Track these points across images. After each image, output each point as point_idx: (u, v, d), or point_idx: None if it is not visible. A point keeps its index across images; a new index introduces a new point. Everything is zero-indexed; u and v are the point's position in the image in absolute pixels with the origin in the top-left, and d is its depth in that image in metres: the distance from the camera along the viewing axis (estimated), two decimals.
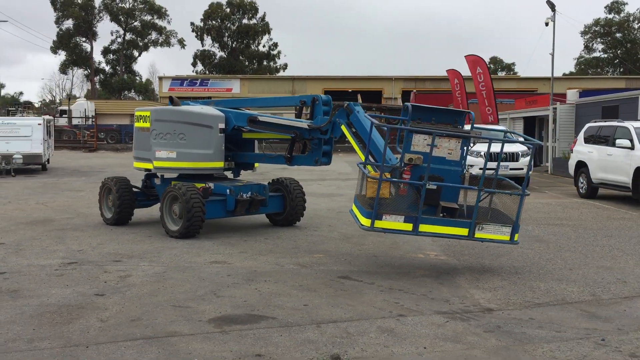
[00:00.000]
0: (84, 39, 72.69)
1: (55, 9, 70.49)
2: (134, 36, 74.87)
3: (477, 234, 7.66)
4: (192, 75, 59.43)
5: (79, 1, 70.72)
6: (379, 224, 7.49)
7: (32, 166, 24.27)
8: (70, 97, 66.61)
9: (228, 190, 10.21)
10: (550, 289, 7.16)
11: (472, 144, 8.21)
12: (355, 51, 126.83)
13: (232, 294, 6.64)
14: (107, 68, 75.76)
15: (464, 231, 7.63)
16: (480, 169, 17.86)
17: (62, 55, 72.75)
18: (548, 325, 5.84)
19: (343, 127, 9.22)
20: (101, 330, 5.43)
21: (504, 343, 5.35)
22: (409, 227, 7.54)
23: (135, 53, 76.57)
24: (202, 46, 72.90)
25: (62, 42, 71.22)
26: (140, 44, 75.44)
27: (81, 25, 70.83)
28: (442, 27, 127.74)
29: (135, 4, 73.49)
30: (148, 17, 74.20)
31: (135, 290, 6.71)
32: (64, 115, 49.72)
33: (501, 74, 79.48)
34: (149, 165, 10.84)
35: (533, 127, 28.89)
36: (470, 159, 18.26)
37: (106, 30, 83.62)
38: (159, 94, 58.39)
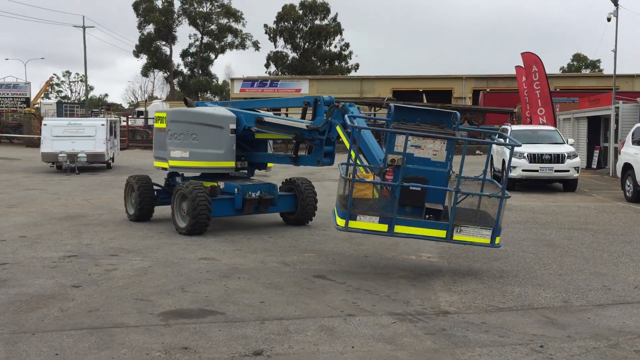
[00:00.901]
0: (164, 43, 75.59)
1: (138, 14, 73.67)
2: (210, 39, 77.10)
3: (456, 237, 7.57)
4: (262, 76, 60.64)
5: (160, 7, 73.57)
6: (353, 224, 7.54)
7: (97, 164, 25.52)
8: (151, 99, 69.59)
9: (236, 189, 10.50)
10: (524, 294, 7.00)
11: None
12: (427, 50, 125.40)
13: (198, 289, 6.89)
14: (185, 70, 78.50)
15: (441, 233, 7.56)
16: (523, 170, 17.42)
17: (143, 59, 76.05)
18: (496, 330, 5.74)
19: (338, 128, 9.32)
20: (55, 319, 5.80)
21: (437, 346, 5.33)
22: (384, 228, 7.54)
23: (212, 55, 78.86)
24: (275, 48, 74.20)
25: (144, 46, 74.36)
26: (217, 46, 77.65)
27: (161, 29, 73.69)
28: (521, 23, 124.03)
29: (213, 8, 75.69)
30: (224, 21, 76.22)
31: (110, 283, 7.08)
32: (140, 116, 51.87)
33: (585, 71, 76.39)
34: (165, 165, 11.30)
35: (598, 127, 27.70)
36: (512, 160, 17.85)
37: (184, 34, 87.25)
38: (231, 95, 59.87)
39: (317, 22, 73.34)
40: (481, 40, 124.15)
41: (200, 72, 77.01)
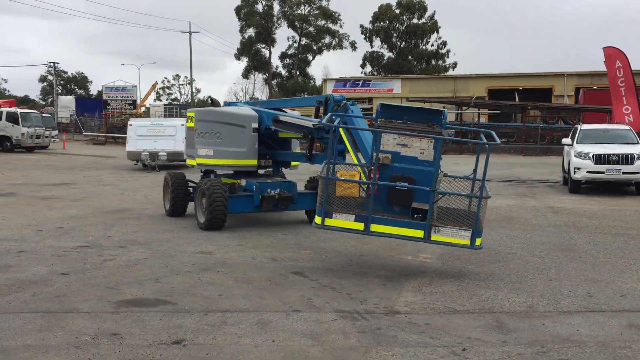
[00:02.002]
0: (263, 46, 77.59)
1: (240, 18, 76.08)
2: (308, 41, 78.26)
3: (434, 237, 7.44)
4: (354, 76, 60.79)
5: (260, 10, 75.65)
6: (329, 222, 7.60)
7: (177, 162, 26.76)
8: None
9: (254, 187, 10.80)
10: (492, 297, 6.78)
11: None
12: (527, 47, 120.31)
13: (171, 280, 7.22)
14: (284, 72, 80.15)
15: (418, 233, 7.46)
16: (587, 171, 16.48)
17: (244, 62, 78.45)
18: (432, 332, 5.64)
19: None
20: (23, 302, 6.32)
21: (359, 344, 5.33)
22: (360, 226, 7.54)
23: (310, 57, 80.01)
24: (371, 47, 74.10)
25: (245, 49, 76.68)
26: (315, 47, 78.67)
27: (261, 32, 75.69)
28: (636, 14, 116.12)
29: (311, 10, 76.82)
30: (322, 22, 77.10)
31: (97, 272, 7.57)
32: None
33: None
34: (194, 162, 11.79)
35: None
36: (577, 161, 16.98)
37: (283, 37, 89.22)
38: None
39: (414, 20, 72.54)
40: (584, 36, 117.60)
41: (298, 73, 78.39)
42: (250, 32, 76.05)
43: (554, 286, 7.26)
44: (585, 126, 19.70)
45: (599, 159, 16.73)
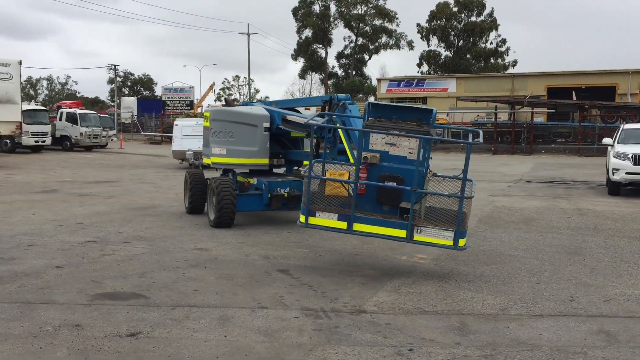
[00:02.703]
0: (320, 46, 78.00)
1: (297, 19, 76.78)
2: (365, 40, 78.17)
3: (416, 237, 7.38)
4: (409, 76, 60.30)
5: (317, 11, 76.08)
6: (313, 220, 7.64)
7: None
8: None
9: (263, 185, 10.95)
10: (468, 299, 6.68)
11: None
12: (590, 44, 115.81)
13: (155, 276, 7.43)
14: (340, 72, 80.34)
15: (401, 233, 7.41)
16: (626, 172, 15.83)
17: (300, 62, 79.11)
18: (389, 332, 5.62)
19: (338, 125, 9.38)
20: (7, 293, 6.64)
21: (310, 341, 5.36)
22: (343, 225, 7.55)
23: (366, 57, 79.91)
24: (428, 46, 73.34)
25: (301, 49, 77.32)
26: (371, 47, 78.51)
27: (318, 33, 76.12)
28: None
29: (367, 9, 76.70)
30: (378, 22, 76.87)
31: (90, 266, 7.85)
32: None
33: None
34: (209, 161, 12.04)
35: None
36: (615, 162, 16.35)
37: (339, 37, 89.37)
38: (377, 95, 60.31)
39: (472, 18, 71.32)
40: None
41: (354, 73, 78.41)
42: (307, 32, 76.62)
43: (539, 289, 7.07)
44: (628, 125, 18.94)
45: (639, 159, 16.06)
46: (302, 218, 7.70)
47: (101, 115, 41.76)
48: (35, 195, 15.83)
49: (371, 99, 67.16)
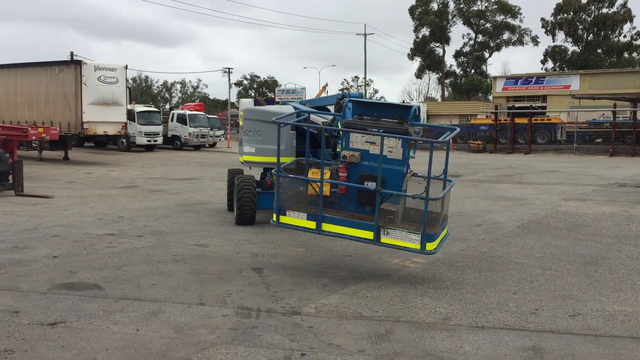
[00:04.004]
0: (437, 45, 76.55)
1: (414, 18, 75.87)
2: (485, 38, 75.64)
3: (383, 239, 7.09)
4: (527, 73, 57.39)
5: (435, 9, 74.73)
6: (283, 219, 7.57)
7: None
8: (428, 100, 71.24)
9: None
10: (419, 306, 6.33)
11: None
12: None
13: (131, 269, 7.68)
14: (458, 70, 78.32)
15: (368, 234, 7.15)
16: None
17: (417, 62, 78.01)
18: (301, 335, 5.46)
19: (339, 124, 9.20)
20: None
21: (213, 339, 5.33)
22: (312, 225, 7.42)
23: (486, 54, 77.27)
24: (553, 42, 69.60)
25: (418, 48, 76.31)
26: (492, 44, 75.79)
27: (435, 31, 74.75)
28: None
29: (488, 5, 74.18)
30: (500, 18, 74.08)
31: (81, 257, 8.27)
32: None
33: None
34: (242, 159, 12.25)
35: None
36: None
37: (458, 34, 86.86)
38: (493, 94, 58.14)
39: (603, 10, 66.71)
40: None
41: (473, 71, 76.13)
42: (424, 31, 75.47)
43: (507, 300, 6.53)
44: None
45: None
46: (274, 217, 7.64)
47: (210, 116, 43.68)
48: (112, 190, 16.92)
49: (490, 97, 64.91)
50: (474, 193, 16.77)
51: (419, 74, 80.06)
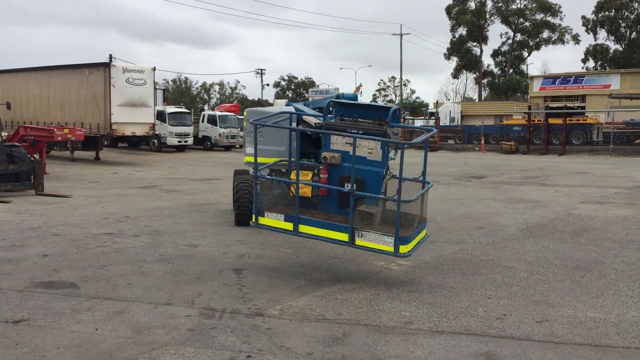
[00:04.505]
0: (474, 44, 75.48)
1: (450, 17, 75.00)
2: (524, 36, 74.28)
3: (358, 241, 7.04)
4: (564, 73, 56.01)
5: (472, 8, 73.75)
6: (262, 220, 7.59)
7: None
8: (466, 100, 70.42)
9: None
10: (386, 309, 6.27)
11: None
12: None
13: (113, 268, 7.80)
14: (496, 70, 77.08)
15: (344, 236, 7.10)
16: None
17: (454, 61, 77.06)
18: (255, 337, 5.46)
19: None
20: None
21: (167, 340, 5.37)
22: (289, 226, 7.41)
23: (525, 53, 75.88)
24: (595, 40, 67.85)
25: (455, 48, 75.38)
26: (531, 43, 74.37)
27: (472, 30, 73.75)
28: None
29: (527, 3, 72.84)
30: (539, 16, 72.65)
31: (70, 256, 8.43)
32: (432, 117, 53.21)
33: None
34: (245, 160, 12.31)
35: None
36: None
37: (495, 33, 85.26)
38: (530, 94, 57.03)
39: None
40: None
41: (511, 71, 74.85)
42: (461, 30, 74.54)
43: (478, 304, 6.40)
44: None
45: None
46: (253, 218, 7.66)
47: (239, 117, 44.00)
48: (130, 190, 17.23)
49: (526, 98, 63.76)
50: (490, 195, 16.49)
51: (455, 74, 79.09)
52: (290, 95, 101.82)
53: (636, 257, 8.66)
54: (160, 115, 35.68)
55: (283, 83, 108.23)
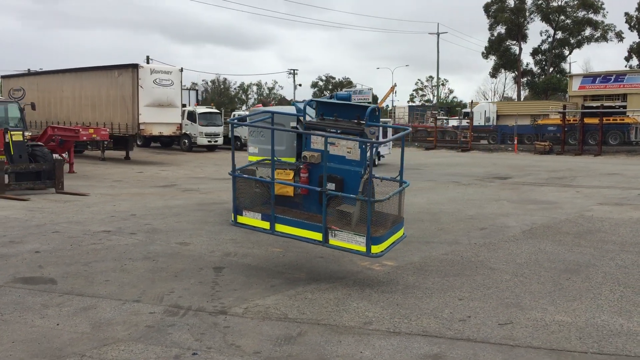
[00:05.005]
0: (513, 42, 74.13)
1: (489, 16, 73.84)
2: (565, 34, 72.62)
3: (331, 241, 7.01)
4: (605, 71, 54.50)
5: (511, 6, 72.47)
6: (241, 219, 7.62)
7: (381, 163, 27.17)
8: (505, 99, 69.29)
9: None
10: (350, 309, 6.24)
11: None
12: None
13: (96, 265, 7.93)
14: (535, 69, 75.54)
15: (318, 236, 7.08)
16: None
17: (492, 60, 75.75)
18: (210, 335, 5.50)
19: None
20: None
21: (126, 336, 5.44)
22: (266, 225, 7.43)
23: (566, 51, 74.16)
24: (639, 38, 65.90)
25: (493, 47, 74.14)
26: (572, 41, 72.65)
27: (511, 29, 72.46)
28: None
29: (568, 0, 71.19)
30: (581, 13, 70.91)
31: (60, 253, 8.60)
32: (466, 117, 52.49)
33: None
34: (249, 159, 12.38)
35: None
36: None
37: (535, 31, 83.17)
38: (569, 92, 55.70)
39: None
40: None
41: (551, 70, 73.27)
42: (500, 29, 73.29)
43: (446, 306, 6.30)
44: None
45: None
46: (232, 216, 7.70)
47: None
48: (148, 189, 17.50)
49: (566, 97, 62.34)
50: (506, 196, 16.17)
51: (493, 73, 77.69)
52: (329, 94, 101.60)
53: (632, 260, 8.38)
54: (191, 116, 36.14)
55: (321, 83, 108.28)
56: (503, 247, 9.33)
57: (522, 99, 73.53)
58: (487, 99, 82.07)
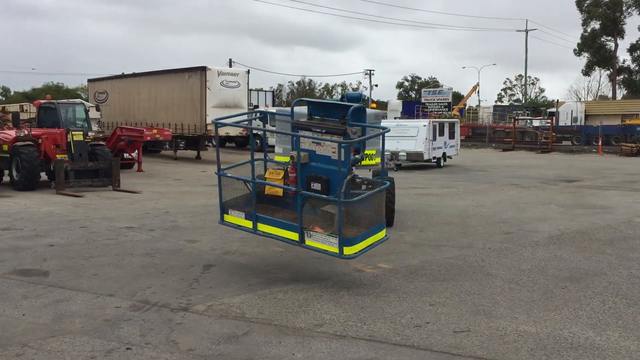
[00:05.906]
0: (608, 38, 70.40)
1: (582, 11, 70.53)
2: None
3: (307, 242, 6.96)
4: None
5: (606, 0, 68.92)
6: (227, 218, 7.68)
7: (418, 162, 26.89)
8: (601, 99, 66.14)
9: None
10: (317, 311, 6.17)
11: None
12: None
13: (96, 260, 8.22)
14: (633, 66, 71.32)
15: (295, 236, 7.03)
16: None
17: (584, 57, 72.23)
18: (158, 331, 5.58)
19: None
20: None
21: (79, 329, 5.62)
22: (249, 224, 7.46)
23: None
24: None
25: (586, 43, 70.75)
26: None
27: (607, 24, 68.90)
28: None
29: None
30: None
31: (72, 247, 8.98)
32: (550, 117, 50.40)
33: None
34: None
35: None
36: None
37: (633, 26, 78.03)
38: None
39: None
40: None
41: None
42: (594, 24, 69.80)
43: (410, 311, 6.11)
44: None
45: None
46: (220, 216, 7.78)
47: None
48: (199, 188, 17.98)
49: None
50: (560, 199, 15.37)
51: (586, 71, 74.05)
52: (412, 96, 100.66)
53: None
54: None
55: (406, 84, 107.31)
56: (516, 252, 8.88)
57: (618, 98, 69.70)
58: (580, 98, 78.30)
